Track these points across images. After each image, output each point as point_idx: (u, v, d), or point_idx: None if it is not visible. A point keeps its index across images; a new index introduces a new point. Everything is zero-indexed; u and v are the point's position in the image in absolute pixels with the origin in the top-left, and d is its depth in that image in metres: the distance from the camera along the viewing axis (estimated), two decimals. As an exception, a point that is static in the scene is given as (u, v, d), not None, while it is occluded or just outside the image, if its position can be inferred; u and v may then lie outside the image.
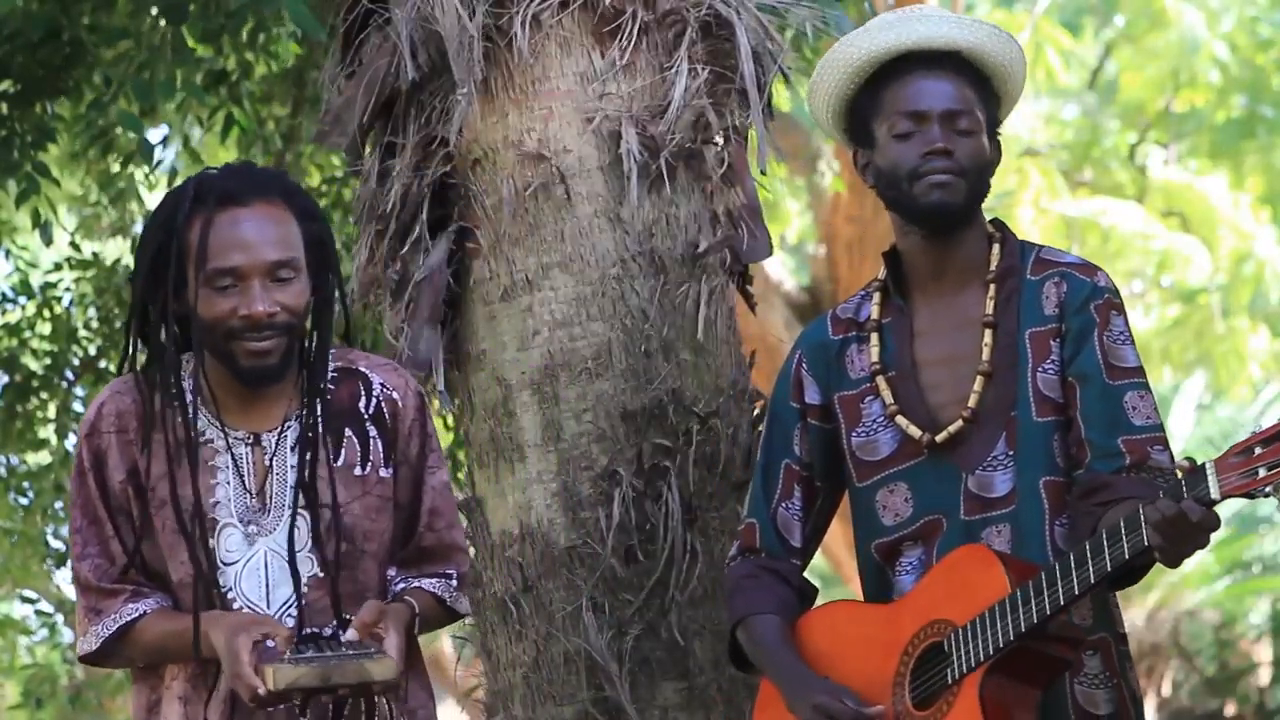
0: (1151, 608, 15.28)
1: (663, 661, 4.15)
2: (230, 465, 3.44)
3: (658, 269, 4.25)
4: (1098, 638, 3.48)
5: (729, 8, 4.33)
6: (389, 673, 3.28)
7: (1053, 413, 3.48)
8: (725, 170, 4.36)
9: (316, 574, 3.43)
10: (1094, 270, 3.57)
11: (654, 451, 4.18)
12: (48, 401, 8.38)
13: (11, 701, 10.31)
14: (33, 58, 6.22)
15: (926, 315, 3.59)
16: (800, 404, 3.67)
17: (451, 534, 3.59)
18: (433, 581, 3.54)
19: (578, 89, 4.28)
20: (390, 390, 3.53)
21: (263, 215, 3.40)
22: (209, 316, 3.38)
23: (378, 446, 3.49)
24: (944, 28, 3.59)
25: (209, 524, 3.41)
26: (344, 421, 3.48)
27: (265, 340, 3.37)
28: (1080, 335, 3.49)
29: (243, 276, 3.37)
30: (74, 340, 8.39)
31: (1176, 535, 3.14)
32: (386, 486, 3.49)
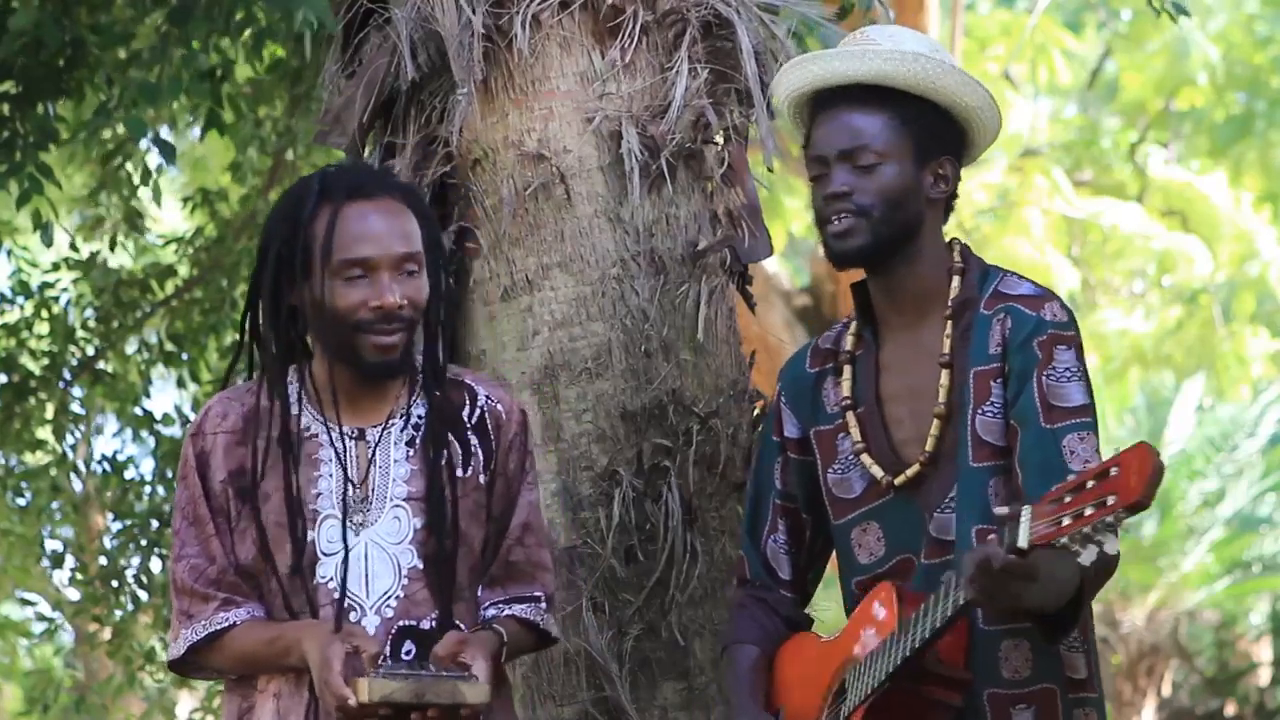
0: (1151, 608, 15.28)
1: (663, 661, 4.15)
2: (333, 458, 3.45)
3: (658, 269, 4.25)
4: (1035, 690, 3.40)
5: (729, 7, 4.33)
6: (481, 697, 3.28)
7: (990, 457, 3.40)
8: (725, 170, 4.37)
9: (416, 566, 3.43)
10: (1043, 303, 3.44)
11: (654, 451, 4.19)
12: (45, 402, 8.39)
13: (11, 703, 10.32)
14: (34, 58, 6.21)
15: (891, 349, 3.55)
16: (780, 438, 3.66)
17: (540, 553, 3.58)
18: (523, 607, 3.53)
19: (578, 89, 4.28)
20: (495, 403, 3.55)
21: (388, 209, 3.43)
22: (340, 307, 3.39)
23: (478, 454, 3.51)
24: (839, 64, 3.53)
25: (310, 515, 3.42)
26: (448, 426, 3.49)
27: (393, 334, 3.39)
28: (1022, 374, 3.39)
29: (373, 268, 3.39)
30: (72, 341, 8.40)
31: (986, 582, 3.08)
32: (482, 494, 3.50)
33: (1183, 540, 15.19)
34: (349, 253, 3.38)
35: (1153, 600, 15.22)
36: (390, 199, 3.44)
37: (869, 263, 3.52)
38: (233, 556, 3.45)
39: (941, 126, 3.51)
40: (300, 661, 3.37)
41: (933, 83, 3.48)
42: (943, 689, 3.32)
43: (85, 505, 9.40)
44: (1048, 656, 3.40)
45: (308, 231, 3.41)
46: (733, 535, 4.23)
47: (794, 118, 3.66)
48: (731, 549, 4.22)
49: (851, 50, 3.54)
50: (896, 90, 3.48)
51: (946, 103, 3.50)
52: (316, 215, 3.41)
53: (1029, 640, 3.39)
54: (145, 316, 8.58)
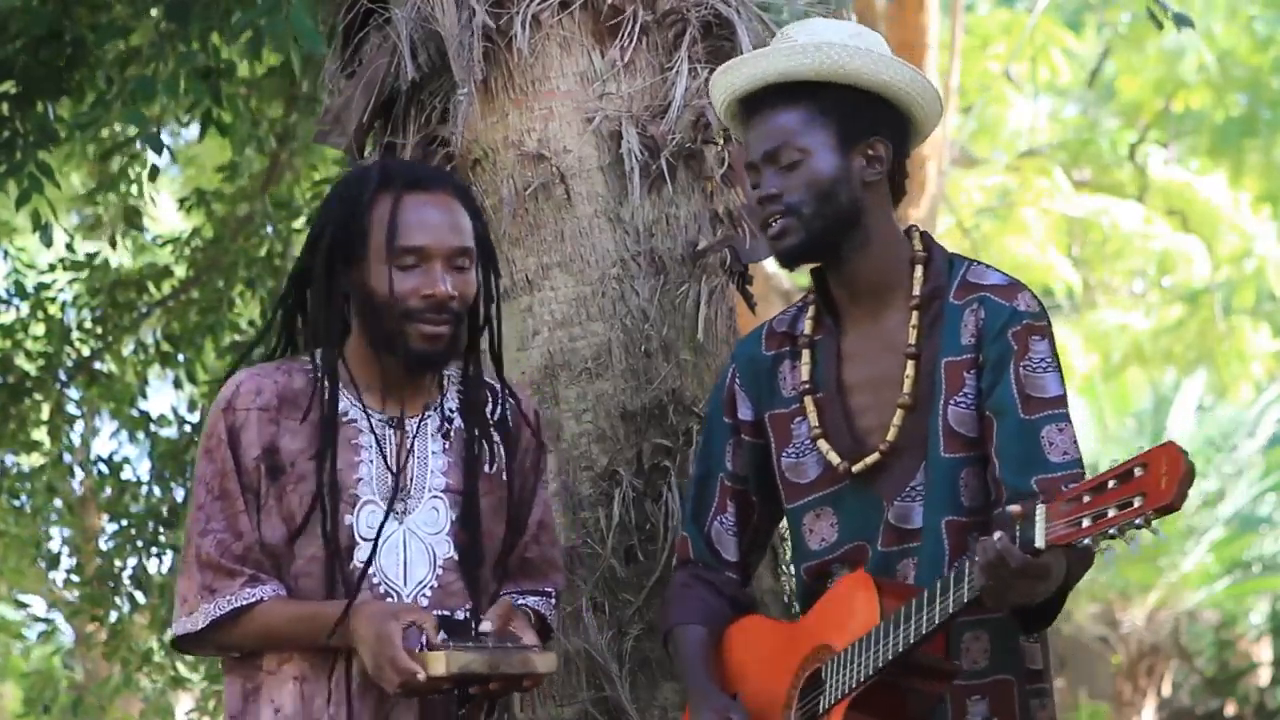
0: (1151, 608, 15.29)
1: (663, 661, 4.15)
2: (374, 445, 3.46)
3: (658, 269, 4.25)
4: (992, 680, 3.40)
5: (729, 7, 4.33)
6: (551, 666, 3.33)
7: (962, 449, 3.39)
8: (725, 170, 4.37)
9: (452, 557, 3.46)
10: (1015, 293, 3.43)
11: (654, 451, 4.19)
12: (41, 403, 8.38)
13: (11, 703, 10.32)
14: (35, 58, 6.22)
15: (854, 338, 3.53)
16: (733, 419, 3.65)
17: (553, 550, 3.63)
18: (536, 600, 3.58)
19: (578, 89, 4.28)
20: (519, 404, 3.61)
21: (444, 203, 3.47)
22: (390, 294, 3.41)
23: (500, 452, 3.55)
24: (740, 71, 3.54)
25: (350, 499, 3.43)
26: (477, 422, 3.53)
27: (442, 324, 3.42)
28: (997, 365, 3.38)
29: (427, 257, 3.42)
30: (68, 342, 8.39)
31: (999, 580, 3.08)
32: (503, 490, 3.54)
33: (1183, 540, 15.19)
34: (406, 239, 3.41)
35: (1153, 600, 15.23)
36: (446, 194, 3.48)
37: (812, 258, 3.53)
38: (258, 534, 3.44)
39: (863, 109, 3.48)
40: (342, 641, 3.36)
41: (840, 68, 3.46)
42: (929, 681, 3.31)
43: (82, 506, 9.40)
44: (1006, 649, 3.41)
45: (366, 217, 3.44)
46: (733, 535, 4.23)
47: (735, 131, 3.68)
48: (731, 549, 4.22)
49: (760, 52, 3.56)
50: (811, 83, 3.48)
51: (863, 85, 3.47)
52: (375, 202, 3.44)
53: (988, 632, 3.39)
54: (142, 317, 8.58)
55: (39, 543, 8.77)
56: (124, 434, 8.70)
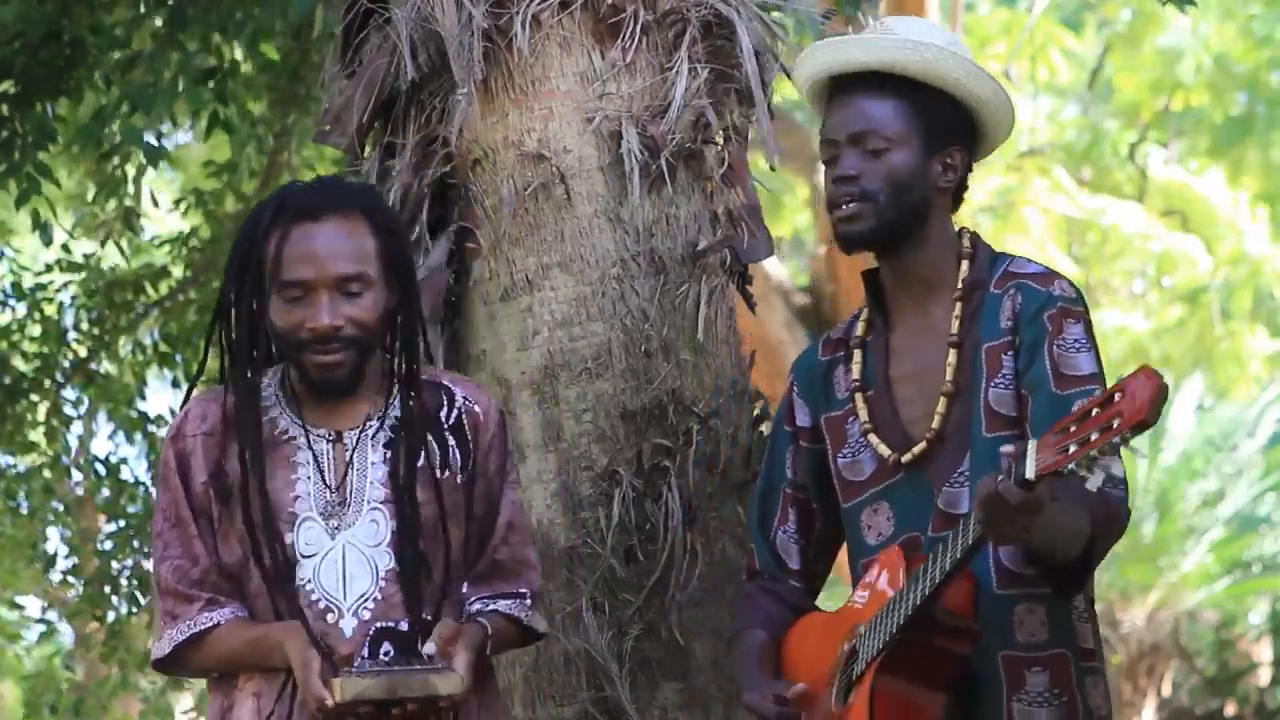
0: (1151, 608, 15.28)
1: (663, 661, 4.15)
2: (311, 461, 3.48)
3: (658, 269, 4.25)
4: (1049, 654, 3.45)
5: (729, 7, 4.33)
6: (454, 688, 3.30)
7: (1003, 428, 3.44)
8: (725, 170, 4.37)
9: (393, 568, 3.45)
10: (1052, 279, 3.51)
11: (654, 451, 4.18)
12: (37, 404, 8.37)
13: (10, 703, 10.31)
14: (34, 58, 6.21)
15: (901, 332, 3.59)
16: (793, 427, 3.70)
17: (525, 550, 3.61)
18: (508, 603, 3.56)
19: (578, 89, 4.28)
20: (472, 404, 3.58)
21: (335, 229, 3.45)
22: (281, 327, 3.45)
23: (456, 455, 3.53)
24: (851, 51, 3.57)
25: (288, 518, 3.45)
26: (425, 427, 3.52)
27: (332, 353, 3.43)
28: (1033, 346, 3.45)
29: (311, 289, 3.43)
30: (64, 342, 8.37)
31: (995, 514, 3.13)
32: (460, 495, 3.52)
33: (1183, 540, 15.19)
34: (287, 274, 3.43)
35: (1153, 600, 15.22)
36: (340, 217, 3.46)
37: (875, 247, 3.57)
38: (214, 557, 3.48)
39: (952, 117, 3.55)
40: (283, 662, 3.39)
41: (942, 73, 3.53)
42: (953, 640, 3.36)
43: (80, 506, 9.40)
44: (1061, 624, 3.45)
45: (261, 251, 3.46)
46: (733, 535, 4.23)
47: (813, 104, 3.71)
48: (731, 549, 4.22)
49: (866, 38, 3.59)
50: (909, 79, 3.53)
51: (957, 93, 3.54)
52: (268, 236, 3.46)
53: (1044, 606, 3.44)
54: (140, 318, 8.57)
55: (35, 543, 8.75)
56: (122, 434, 8.70)
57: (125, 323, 8.51)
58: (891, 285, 3.61)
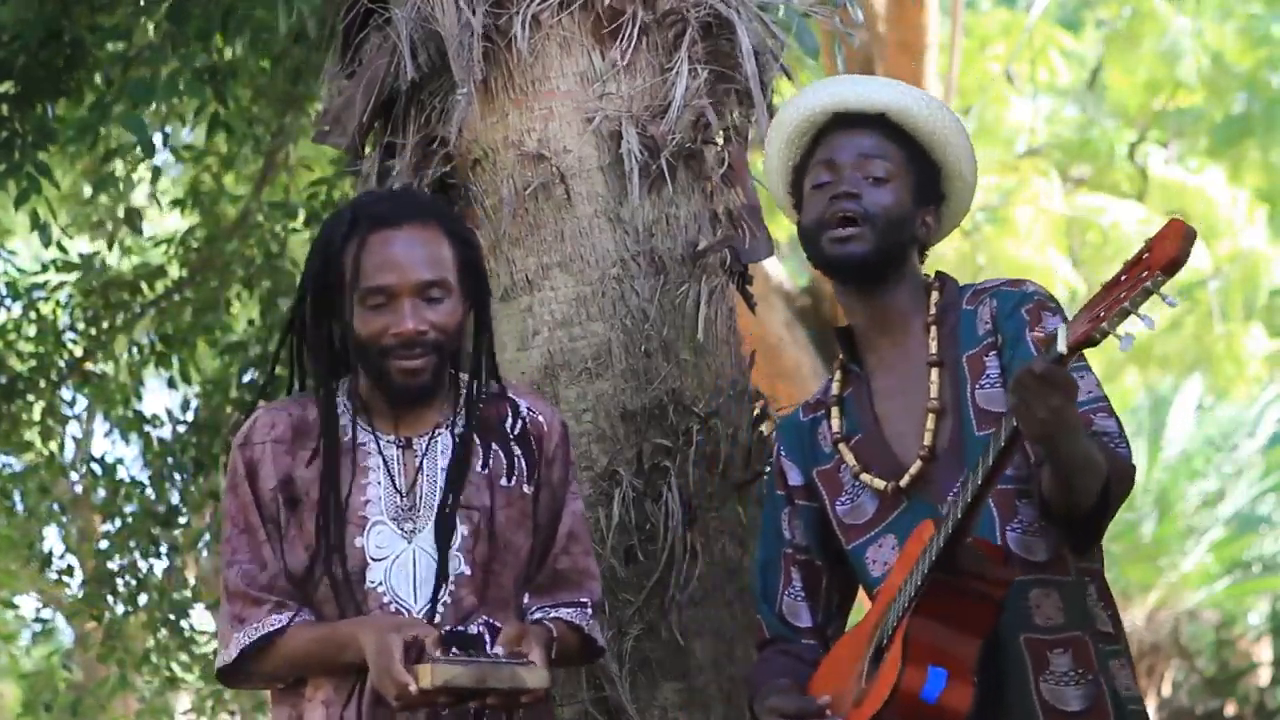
0: (1151, 608, 15.29)
1: (663, 661, 4.15)
2: (381, 466, 3.52)
3: (658, 269, 4.25)
4: (1069, 636, 3.46)
5: (729, 7, 4.33)
6: (541, 682, 3.33)
7: (994, 423, 3.43)
8: (725, 170, 4.37)
9: (464, 573, 3.48)
10: (1022, 282, 3.60)
11: (654, 451, 4.19)
12: (33, 404, 8.36)
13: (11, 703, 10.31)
14: (34, 59, 6.22)
15: (881, 372, 3.62)
16: (785, 489, 3.71)
17: (586, 560, 3.63)
18: (570, 611, 3.58)
19: (578, 89, 4.28)
20: (537, 414, 3.62)
21: (413, 236, 3.50)
22: (364, 335, 3.48)
23: (522, 464, 3.57)
24: (867, 88, 3.63)
25: (359, 521, 3.49)
26: (490, 436, 3.56)
27: (416, 359, 3.46)
28: (1015, 339, 3.50)
29: (394, 295, 3.47)
30: (60, 342, 8.36)
31: (1028, 393, 3.13)
32: (527, 503, 3.56)
33: (1183, 540, 15.20)
34: (370, 281, 3.47)
35: (1153, 600, 15.23)
36: (418, 225, 3.51)
37: (863, 275, 3.58)
38: (282, 563, 3.51)
39: (937, 181, 3.65)
40: (356, 656, 3.40)
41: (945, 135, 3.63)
42: (983, 580, 3.35)
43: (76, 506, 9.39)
44: (1077, 607, 3.48)
45: (339, 263, 3.50)
46: (733, 535, 4.23)
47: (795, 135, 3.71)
48: (731, 549, 4.22)
49: (887, 81, 3.67)
50: (902, 130, 3.60)
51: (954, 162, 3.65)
52: (346, 247, 3.50)
53: (1057, 590, 3.46)
54: (136, 317, 8.56)
55: (32, 543, 8.74)
56: (118, 434, 8.69)
57: (121, 322, 8.50)
58: (865, 329, 3.64)
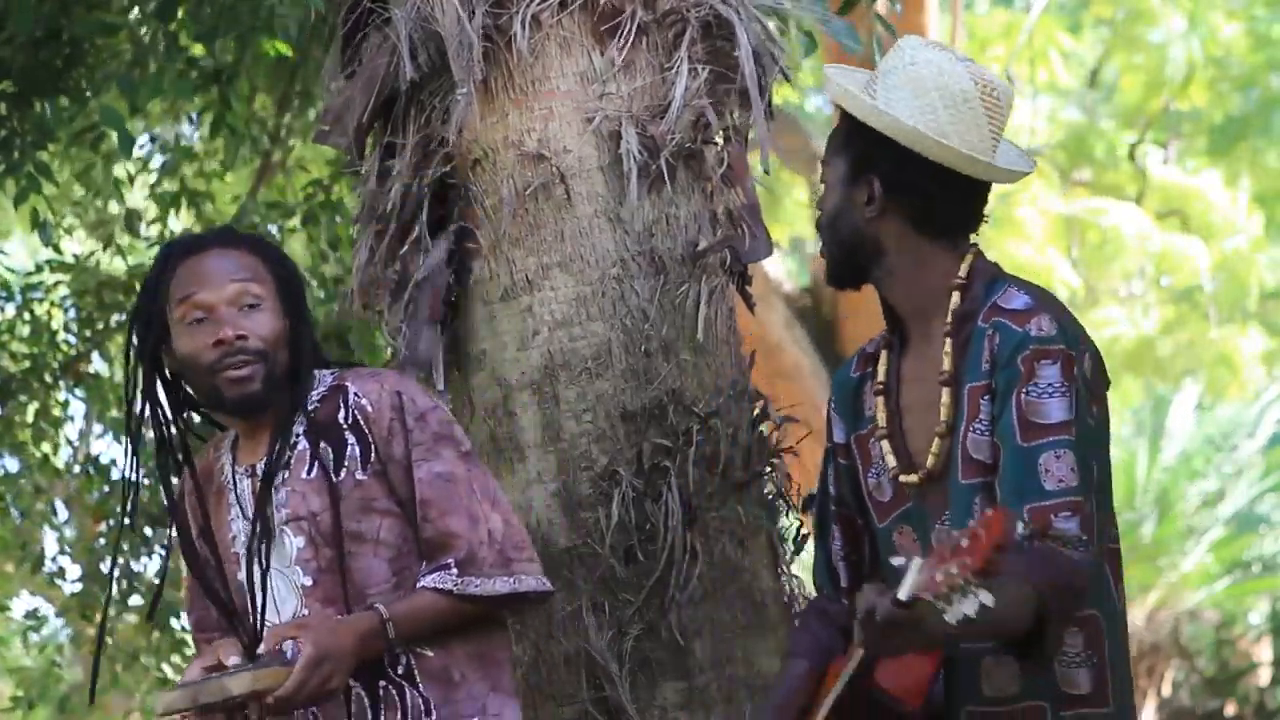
0: (1151, 608, 15.28)
1: (663, 661, 4.15)
2: (235, 501, 3.60)
3: (658, 269, 4.25)
4: (1022, 706, 3.38)
5: (729, 7, 4.33)
6: (244, 686, 3.37)
7: (978, 474, 3.38)
8: (725, 170, 4.37)
9: (305, 583, 3.53)
10: (1030, 317, 3.39)
11: (654, 451, 4.18)
12: (26, 405, 8.35)
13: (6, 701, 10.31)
14: (33, 57, 6.21)
15: (910, 360, 3.54)
16: (831, 444, 3.66)
17: (445, 521, 3.55)
18: (433, 577, 3.54)
19: (578, 89, 4.28)
20: (361, 398, 3.59)
21: (222, 253, 3.58)
22: (188, 354, 3.54)
23: (354, 452, 3.56)
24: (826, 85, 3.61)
25: (234, 559, 3.58)
26: (322, 435, 3.56)
27: (242, 367, 3.51)
28: (1005, 393, 3.36)
29: (210, 308, 3.52)
30: (53, 343, 8.35)
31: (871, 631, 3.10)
32: (368, 489, 3.54)
33: (1183, 540, 15.19)
34: (183, 291, 3.53)
35: (1153, 600, 15.23)
36: (226, 245, 3.59)
37: (842, 279, 3.57)
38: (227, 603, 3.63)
39: (869, 147, 3.49)
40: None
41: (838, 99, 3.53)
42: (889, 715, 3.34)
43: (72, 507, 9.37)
44: (1038, 674, 3.36)
45: (154, 296, 3.58)
46: (733, 535, 4.23)
47: None
48: (731, 549, 4.22)
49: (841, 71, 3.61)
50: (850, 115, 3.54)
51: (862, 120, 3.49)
52: (159, 280, 3.58)
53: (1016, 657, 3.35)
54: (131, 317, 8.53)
55: (25, 544, 8.73)
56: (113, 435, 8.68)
57: (116, 323, 8.49)
58: (890, 315, 3.57)
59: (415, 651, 3.51)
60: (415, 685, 3.50)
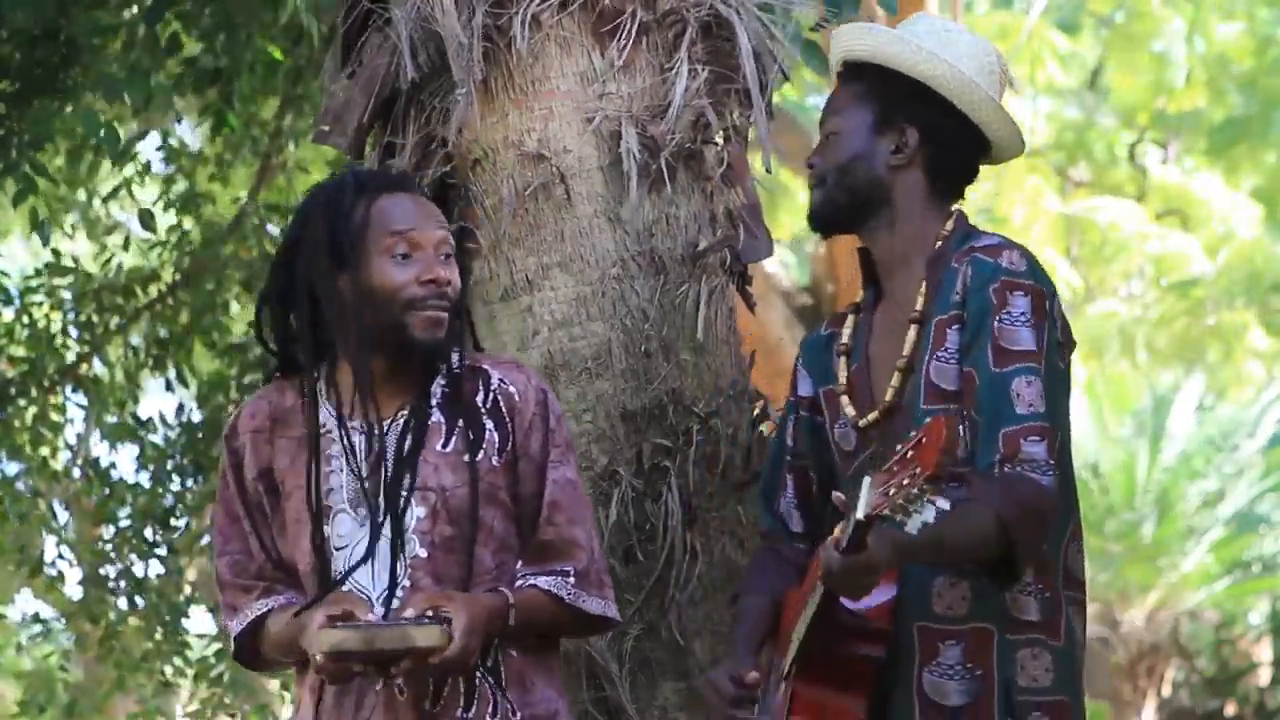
0: (1151, 608, 15.30)
1: (663, 661, 4.15)
2: (343, 453, 3.49)
3: (658, 269, 4.25)
4: (970, 628, 3.43)
5: (729, 7, 4.33)
6: (433, 639, 3.27)
7: (939, 400, 3.46)
8: (725, 170, 4.37)
9: (420, 555, 3.44)
10: (1002, 250, 3.50)
11: (654, 451, 4.18)
12: (25, 409, 8.34)
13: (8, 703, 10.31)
14: (31, 57, 6.21)
15: (881, 310, 3.63)
16: (795, 397, 3.74)
17: (571, 530, 3.54)
18: (548, 579, 3.50)
19: (578, 89, 4.28)
20: (508, 385, 3.55)
21: (421, 199, 3.55)
22: (390, 285, 3.45)
23: (493, 438, 3.51)
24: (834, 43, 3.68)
25: (325, 510, 3.48)
26: (461, 412, 3.51)
27: (442, 310, 3.46)
28: (978, 321, 3.45)
29: (418, 246, 3.47)
30: (51, 347, 8.33)
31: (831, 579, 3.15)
32: (498, 476, 3.50)
33: (1183, 540, 15.21)
34: (396, 225, 3.46)
35: (1153, 600, 15.24)
36: (420, 195, 3.58)
37: (835, 225, 3.66)
38: (272, 551, 3.53)
39: (906, 97, 3.59)
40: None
41: (878, 54, 3.60)
42: (861, 641, 3.36)
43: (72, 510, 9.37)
44: (987, 597, 3.43)
45: (351, 219, 3.47)
46: (733, 535, 4.23)
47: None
48: (731, 549, 4.22)
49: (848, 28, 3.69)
50: (874, 67, 3.62)
51: (906, 71, 3.58)
52: (355, 205, 3.49)
53: (968, 580, 3.43)
54: (130, 321, 8.53)
55: (23, 547, 8.72)
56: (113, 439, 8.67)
57: (115, 326, 8.48)
58: (872, 263, 3.66)
59: (504, 649, 3.47)
60: (500, 682, 3.45)
